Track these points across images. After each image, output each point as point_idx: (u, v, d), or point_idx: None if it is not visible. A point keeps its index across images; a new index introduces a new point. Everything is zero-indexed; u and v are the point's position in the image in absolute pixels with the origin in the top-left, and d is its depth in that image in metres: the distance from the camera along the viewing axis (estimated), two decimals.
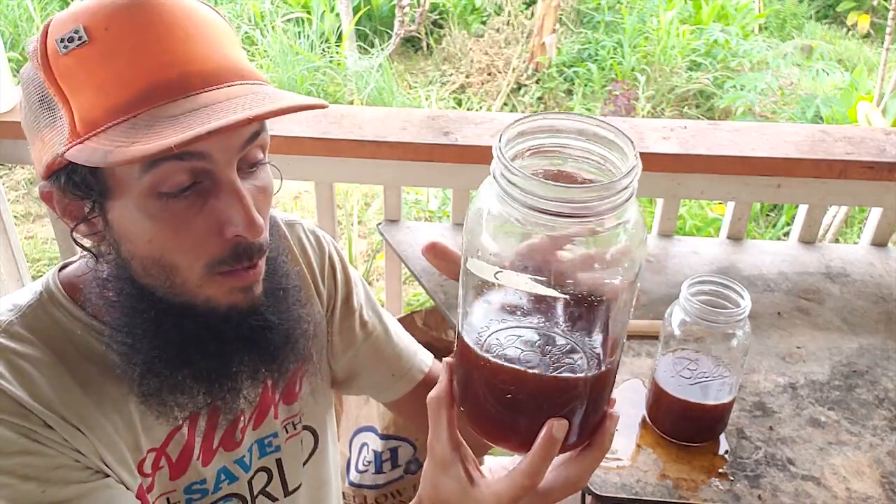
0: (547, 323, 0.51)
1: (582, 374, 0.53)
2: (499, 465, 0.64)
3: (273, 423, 0.89)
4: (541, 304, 0.51)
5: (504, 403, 0.55)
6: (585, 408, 0.56)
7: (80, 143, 0.62)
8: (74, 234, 0.71)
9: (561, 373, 0.52)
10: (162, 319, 0.70)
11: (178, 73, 0.63)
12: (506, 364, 0.52)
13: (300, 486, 0.94)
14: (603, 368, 0.54)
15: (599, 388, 0.56)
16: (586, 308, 0.50)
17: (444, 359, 0.60)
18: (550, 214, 0.45)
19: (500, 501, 0.57)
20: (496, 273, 0.49)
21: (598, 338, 0.53)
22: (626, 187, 0.46)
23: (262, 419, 0.88)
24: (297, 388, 0.92)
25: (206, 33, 0.66)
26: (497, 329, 0.52)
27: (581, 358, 0.52)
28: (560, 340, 0.52)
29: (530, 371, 0.52)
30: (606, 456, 1.06)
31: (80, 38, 0.63)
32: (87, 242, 0.73)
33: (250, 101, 0.63)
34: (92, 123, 0.62)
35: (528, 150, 0.51)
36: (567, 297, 0.49)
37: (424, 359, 1.03)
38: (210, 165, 0.65)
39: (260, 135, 0.69)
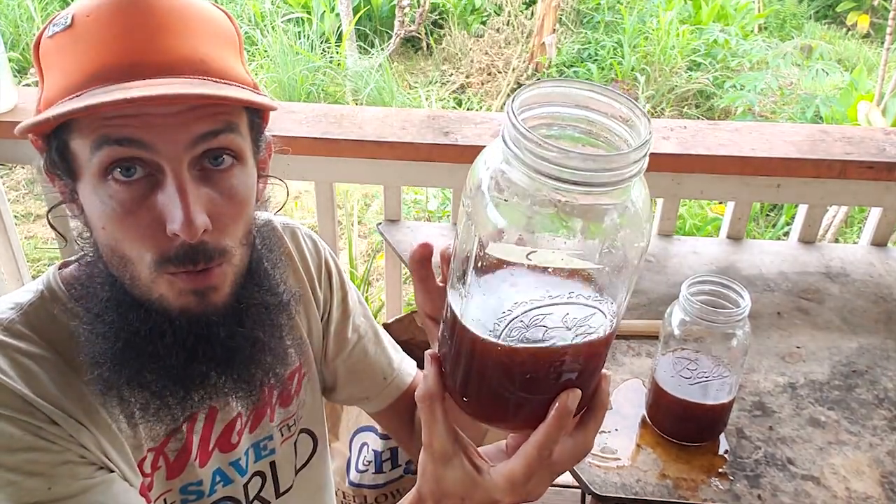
0: (572, 294, 0.49)
1: (602, 337, 0.52)
2: (495, 449, 0.63)
3: (268, 426, 0.89)
4: (568, 278, 0.48)
5: (521, 385, 0.53)
6: (595, 371, 0.56)
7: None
8: (50, 215, 0.76)
9: (584, 341, 0.51)
10: (117, 309, 0.70)
11: (133, 59, 0.63)
12: (530, 346, 0.50)
13: (290, 488, 0.93)
14: (615, 327, 0.53)
15: (608, 349, 0.55)
16: (616, 274, 0.49)
17: (426, 352, 0.59)
18: (585, 185, 0.44)
19: (514, 480, 0.56)
20: (528, 254, 0.47)
21: (620, 299, 0.51)
22: (648, 149, 0.46)
23: (258, 422, 0.87)
24: (293, 391, 0.91)
25: (187, 28, 0.65)
26: (522, 312, 0.49)
27: (602, 324, 0.51)
28: (585, 311, 0.50)
29: (557, 347, 0.51)
30: (606, 456, 1.06)
31: (64, 24, 0.65)
32: (73, 224, 0.74)
33: (181, 88, 0.61)
34: (49, 101, 0.65)
35: (537, 119, 0.50)
36: (601, 266, 0.48)
37: (409, 367, 1.02)
38: (156, 158, 0.63)
39: (219, 134, 0.66)
